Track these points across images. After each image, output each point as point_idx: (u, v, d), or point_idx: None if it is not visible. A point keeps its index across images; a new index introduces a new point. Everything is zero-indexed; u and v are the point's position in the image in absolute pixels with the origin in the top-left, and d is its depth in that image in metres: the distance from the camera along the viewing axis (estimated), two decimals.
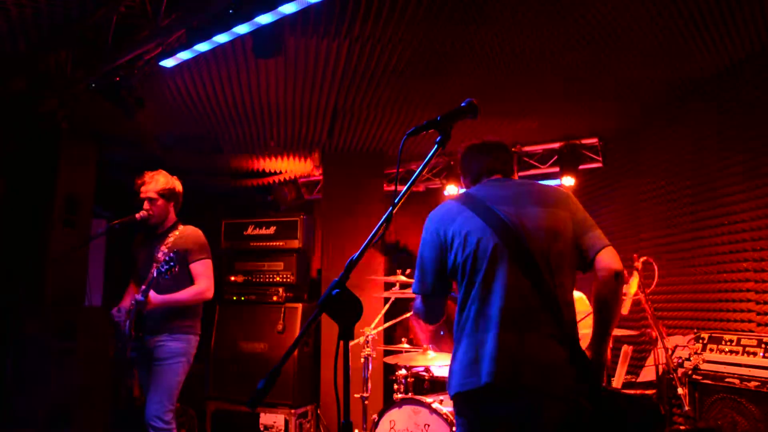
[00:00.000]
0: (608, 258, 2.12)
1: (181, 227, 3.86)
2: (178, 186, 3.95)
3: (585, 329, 2.36)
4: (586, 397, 2.00)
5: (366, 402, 4.17)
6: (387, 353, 4.42)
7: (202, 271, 3.77)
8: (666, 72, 4.25)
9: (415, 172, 1.76)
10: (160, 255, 3.57)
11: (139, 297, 3.47)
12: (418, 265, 2.29)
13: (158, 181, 3.83)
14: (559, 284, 2.10)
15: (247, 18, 3.32)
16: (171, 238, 3.77)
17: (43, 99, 4.46)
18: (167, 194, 3.84)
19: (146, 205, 3.79)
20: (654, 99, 4.78)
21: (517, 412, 2.02)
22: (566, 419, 1.99)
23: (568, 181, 5.79)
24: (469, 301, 2.13)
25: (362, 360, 4.14)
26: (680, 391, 3.46)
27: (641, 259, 3.56)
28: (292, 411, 5.29)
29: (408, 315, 4.31)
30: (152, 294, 3.50)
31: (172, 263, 3.43)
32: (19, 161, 4.92)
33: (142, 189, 3.82)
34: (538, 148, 6.07)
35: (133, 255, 3.98)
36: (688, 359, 3.67)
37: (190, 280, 3.75)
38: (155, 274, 3.43)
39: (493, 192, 2.30)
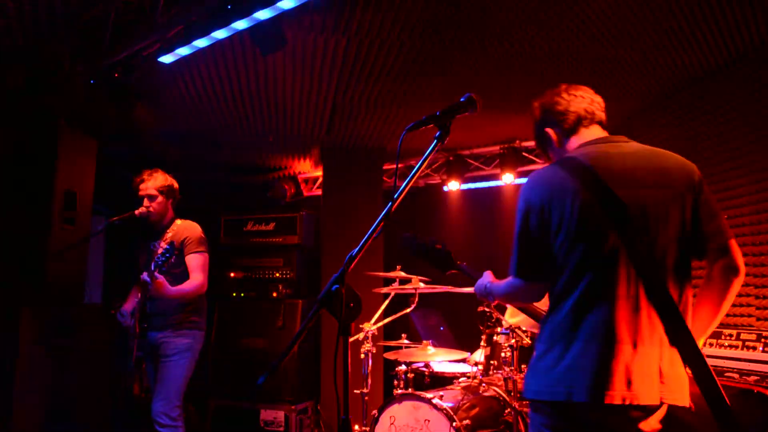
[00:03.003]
0: (739, 255, 1.87)
1: (178, 222, 3.89)
2: (176, 184, 4.00)
3: None
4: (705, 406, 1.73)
5: (366, 398, 4.17)
6: (387, 349, 4.42)
7: (198, 265, 3.78)
8: (665, 67, 4.25)
9: (415, 167, 1.76)
10: (158, 250, 3.58)
11: (144, 277, 3.44)
12: (515, 244, 1.97)
13: (157, 179, 3.87)
14: (680, 286, 1.85)
15: (245, 13, 3.32)
16: (169, 234, 3.79)
17: (41, 94, 4.45)
18: (166, 191, 3.88)
19: (146, 202, 3.82)
20: (652, 94, 4.77)
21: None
22: None
23: None
24: (573, 298, 1.83)
25: (362, 356, 4.14)
26: None
27: None
28: (292, 407, 5.30)
29: (408, 311, 4.31)
30: (160, 277, 3.48)
31: (168, 254, 3.44)
32: (17, 157, 4.91)
33: (141, 186, 3.85)
34: None
35: (135, 257, 4.00)
36: None
37: (187, 275, 3.75)
38: (152, 267, 3.43)
39: (606, 161, 1.91)
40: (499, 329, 3.76)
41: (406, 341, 4.29)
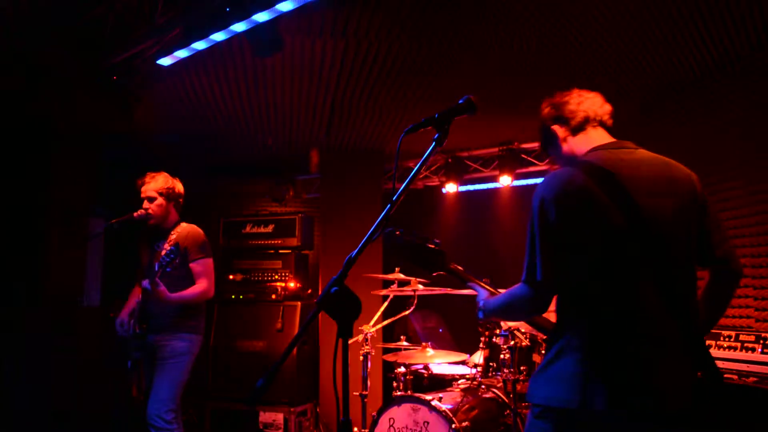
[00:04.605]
0: (738, 261, 1.97)
1: (183, 224, 3.88)
2: (179, 187, 3.97)
3: None
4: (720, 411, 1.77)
5: (365, 400, 4.17)
6: (386, 351, 4.42)
7: (203, 271, 3.78)
8: (664, 69, 4.25)
9: (413, 169, 1.76)
10: (162, 252, 3.58)
11: (145, 284, 3.44)
12: (528, 246, 1.87)
13: (158, 181, 3.85)
14: (692, 293, 1.87)
15: (244, 16, 3.32)
16: (173, 236, 3.78)
17: (40, 97, 4.44)
18: (167, 194, 3.85)
19: (146, 203, 3.80)
20: (652, 96, 4.78)
21: None
22: None
23: None
24: (592, 305, 1.80)
25: (361, 358, 4.14)
26: None
27: None
28: (292, 409, 5.29)
29: (407, 313, 4.31)
30: (160, 284, 3.48)
31: (172, 255, 3.43)
32: (15, 159, 4.91)
33: (143, 188, 3.84)
34: (536, 145, 6.07)
35: (137, 258, 3.99)
36: None
37: (191, 279, 3.75)
38: (156, 269, 3.43)
39: (624, 168, 1.88)
40: (498, 331, 3.76)
41: (405, 343, 4.29)
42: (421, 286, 4.12)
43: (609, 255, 1.79)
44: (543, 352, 3.65)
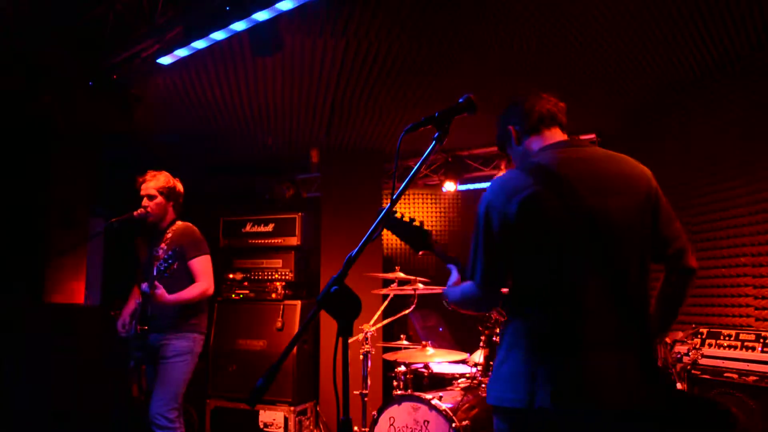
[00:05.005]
0: (692, 257, 1.95)
1: (177, 224, 3.88)
2: (179, 187, 3.97)
3: None
4: (664, 409, 1.78)
5: (365, 399, 4.17)
6: (386, 350, 4.42)
7: (201, 269, 3.78)
8: (664, 69, 4.25)
9: (413, 168, 1.76)
10: (160, 253, 3.58)
11: (144, 287, 3.46)
12: (472, 248, 1.93)
13: (159, 179, 3.86)
14: (643, 290, 1.86)
15: (244, 15, 3.32)
16: (169, 235, 3.79)
17: (39, 97, 4.45)
18: (167, 192, 3.86)
19: (145, 201, 3.81)
20: (652, 96, 4.78)
21: None
22: None
23: None
24: (536, 304, 1.83)
25: (361, 357, 4.14)
26: (679, 386, 3.47)
27: None
28: (292, 408, 5.29)
29: (407, 312, 4.32)
30: (159, 288, 3.49)
31: (170, 260, 3.44)
32: (14, 160, 4.91)
33: (143, 186, 3.85)
34: None
35: (135, 257, 4.00)
36: (687, 354, 3.68)
37: (189, 278, 3.76)
38: (155, 273, 3.44)
39: (572, 167, 1.89)
40: (498, 330, 3.76)
41: (405, 342, 4.29)
42: (421, 285, 4.12)
43: (558, 254, 1.81)
44: None
